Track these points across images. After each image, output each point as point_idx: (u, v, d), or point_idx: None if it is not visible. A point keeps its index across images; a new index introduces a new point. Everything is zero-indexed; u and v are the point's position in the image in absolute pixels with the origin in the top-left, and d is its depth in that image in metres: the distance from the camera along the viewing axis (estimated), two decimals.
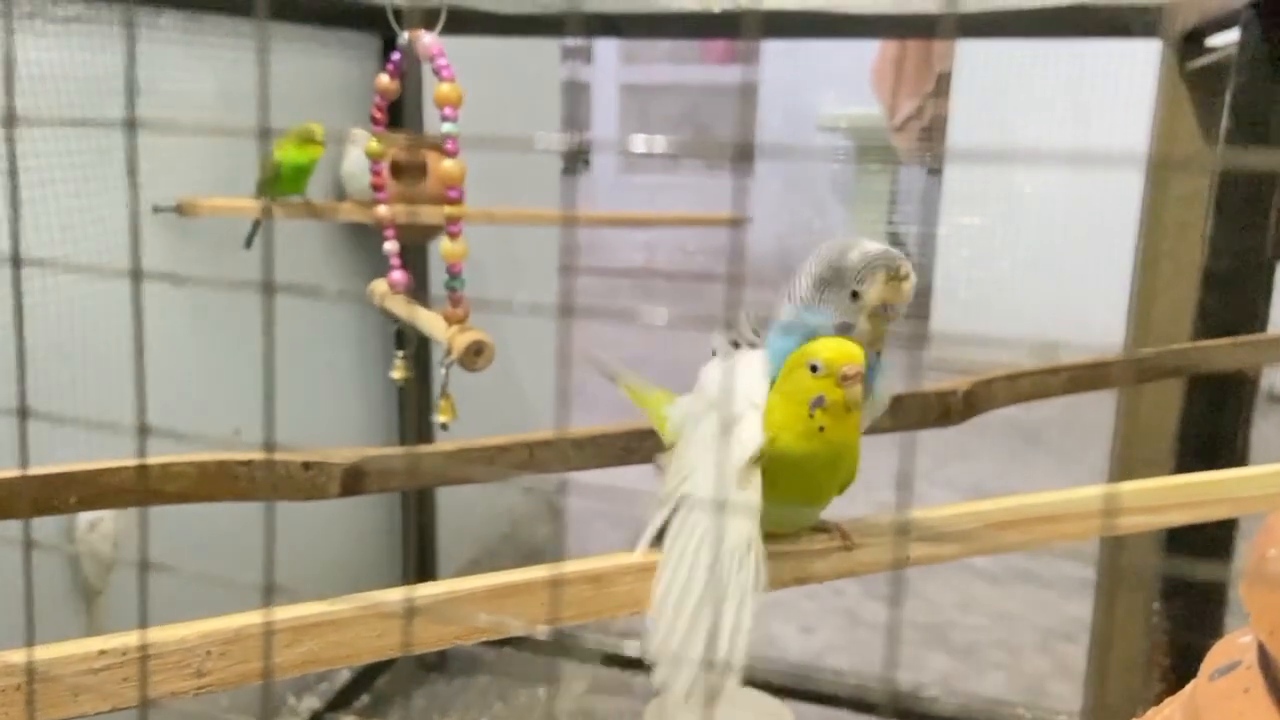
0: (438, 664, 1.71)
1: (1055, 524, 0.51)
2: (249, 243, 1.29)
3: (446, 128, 0.67)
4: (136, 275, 0.29)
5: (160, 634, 0.37)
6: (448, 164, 0.67)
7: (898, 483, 0.30)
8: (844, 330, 0.51)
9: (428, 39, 0.70)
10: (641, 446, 0.64)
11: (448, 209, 0.68)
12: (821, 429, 0.48)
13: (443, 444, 0.61)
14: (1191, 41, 1.21)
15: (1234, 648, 0.39)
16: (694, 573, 0.46)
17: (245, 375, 1.38)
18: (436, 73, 0.69)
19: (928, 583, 2.05)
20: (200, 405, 1.29)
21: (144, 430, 0.29)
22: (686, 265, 4.65)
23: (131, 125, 0.28)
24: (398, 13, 1.02)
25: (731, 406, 0.50)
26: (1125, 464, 1.31)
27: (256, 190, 1.25)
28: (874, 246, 0.51)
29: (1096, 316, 1.90)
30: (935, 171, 3.58)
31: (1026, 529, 0.50)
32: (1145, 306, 1.29)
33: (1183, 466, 1.01)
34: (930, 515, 0.51)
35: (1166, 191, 1.27)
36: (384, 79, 0.77)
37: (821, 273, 0.51)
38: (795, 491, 0.50)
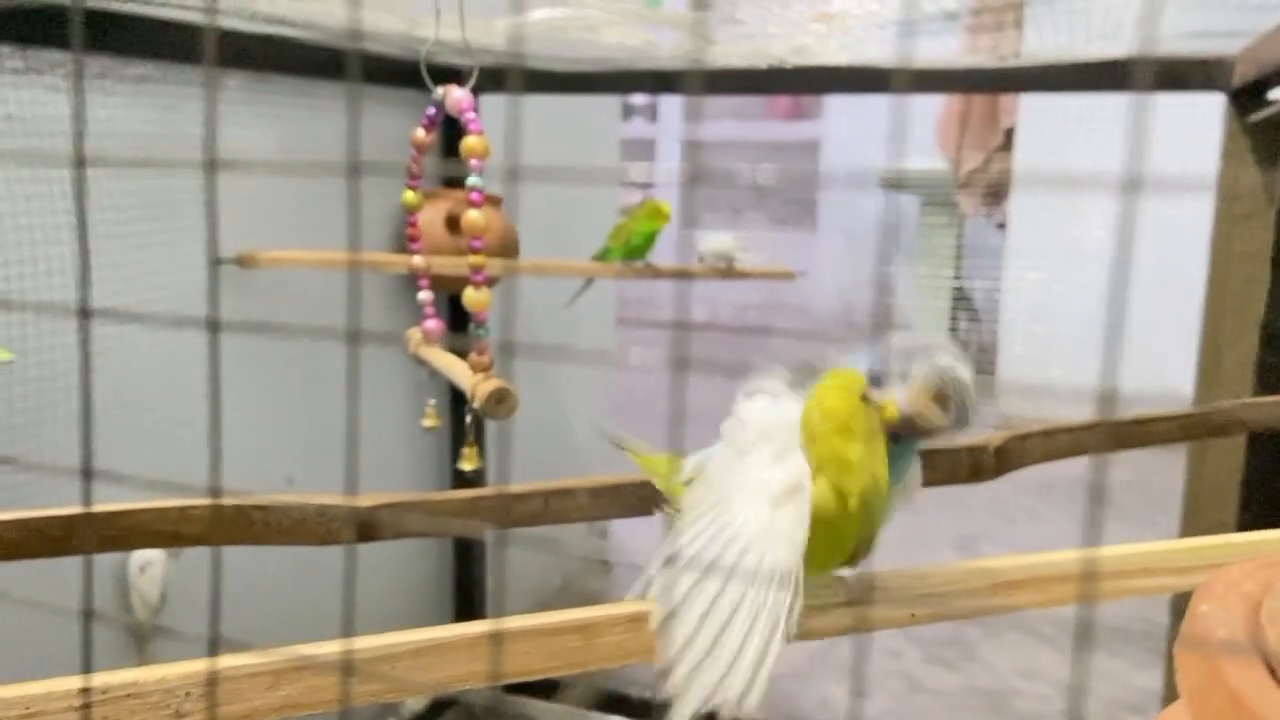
0: (484, 718, 1.70)
1: (1075, 584, 0.48)
2: (570, 303, 1.53)
3: (472, 180, 0.68)
4: (85, 314, 0.29)
5: (141, 674, 0.37)
6: (471, 214, 0.68)
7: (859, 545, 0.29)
8: (874, 379, 0.49)
9: (458, 93, 0.72)
10: (658, 497, 0.63)
11: (471, 258, 0.69)
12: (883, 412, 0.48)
13: (459, 492, 0.61)
14: (1253, 94, 1.18)
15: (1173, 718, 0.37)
16: (725, 592, 0.45)
17: (299, 424, 1.40)
18: (465, 126, 0.70)
19: (989, 647, 1.99)
20: (253, 454, 1.31)
21: (89, 474, 0.29)
22: (745, 320, 4.64)
23: (80, 163, 0.29)
24: (437, 70, 1.04)
25: (780, 439, 0.49)
26: (1193, 525, 1.26)
27: (603, 255, 1.45)
28: (951, 362, 0.48)
29: (1159, 371, 1.85)
30: (1002, 226, 3.54)
31: (1043, 589, 0.48)
32: (1211, 362, 1.25)
33: (1245, 525, 0.97)
34: (937, 572, 0.49)
35: (1231, 247, 1.24)
36: (419, 133, 0.79)
37: (902, 341, 0.50)
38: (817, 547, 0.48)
